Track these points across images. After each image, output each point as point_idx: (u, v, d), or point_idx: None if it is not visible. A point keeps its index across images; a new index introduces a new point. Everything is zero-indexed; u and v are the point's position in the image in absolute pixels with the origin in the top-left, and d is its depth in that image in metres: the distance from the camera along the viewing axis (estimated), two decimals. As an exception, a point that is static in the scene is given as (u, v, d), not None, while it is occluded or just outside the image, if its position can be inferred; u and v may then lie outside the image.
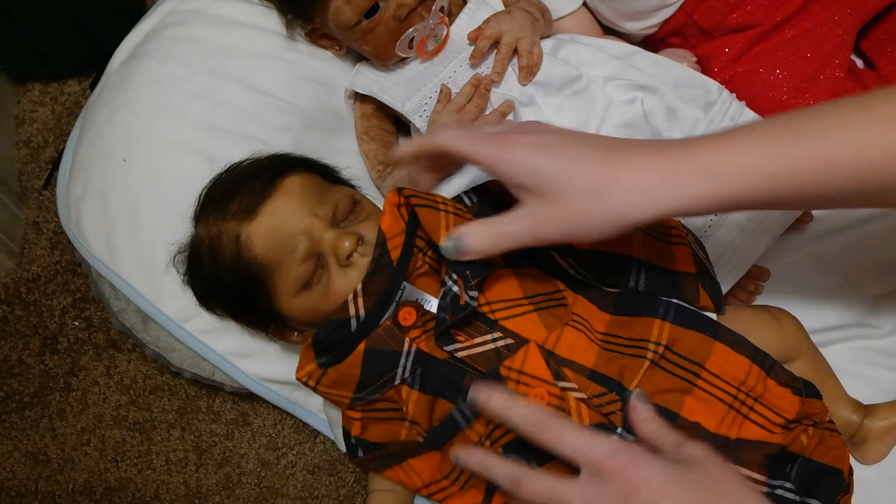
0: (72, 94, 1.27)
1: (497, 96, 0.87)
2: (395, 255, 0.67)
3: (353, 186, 0.81)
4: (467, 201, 0.75)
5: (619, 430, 0.64)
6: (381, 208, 0.71)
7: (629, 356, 0.68)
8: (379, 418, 0.72)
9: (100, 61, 0.98)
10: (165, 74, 0.88)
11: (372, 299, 0.67)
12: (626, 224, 0.56)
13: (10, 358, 1.14)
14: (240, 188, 0.73)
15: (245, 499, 1.09)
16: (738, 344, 0.69)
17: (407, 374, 0.68)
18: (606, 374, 0.67)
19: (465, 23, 0.91)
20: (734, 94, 0.90)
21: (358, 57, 0.95)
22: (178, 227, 0.80)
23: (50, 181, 1.22)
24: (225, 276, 0.73)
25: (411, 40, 0.86)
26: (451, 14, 0.91)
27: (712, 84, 0.90)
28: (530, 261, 0.72)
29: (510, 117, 0.86)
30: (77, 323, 1.15)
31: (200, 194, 0.78)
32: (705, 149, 0.55)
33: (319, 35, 0.93)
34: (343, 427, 0.74)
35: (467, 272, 0.64)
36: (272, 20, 0.93)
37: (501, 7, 0.92)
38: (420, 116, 0.89)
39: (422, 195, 0.68)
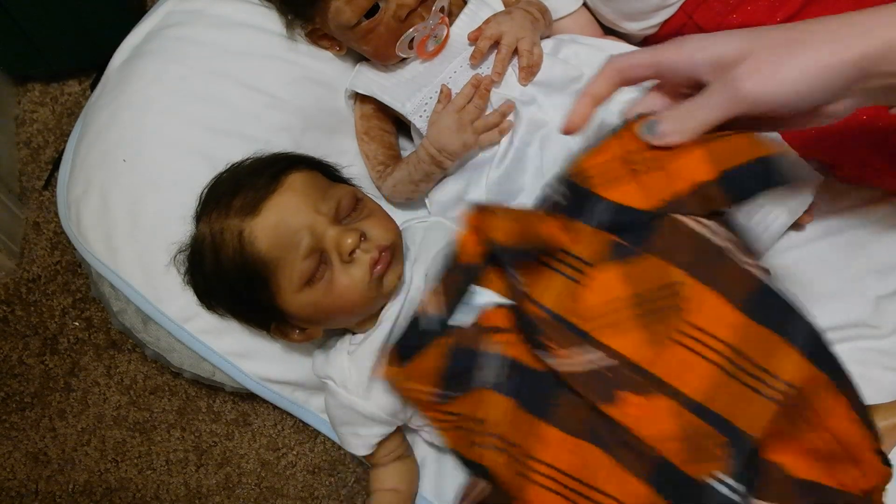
0: (72, 94, 1.27)
1: (497, 96, 0.87)
2: (465, 259, 0.66)
3: (354, 185, 0.81)
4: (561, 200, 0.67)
5: (726, 478, 0.54)
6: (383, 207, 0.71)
7: (748, 387, 0.55)
8: (463, 427, 0.67)
9: (100, 61, 0.98)
10: (166, 75, 0.88)
11: (449, 295, 0.66)
12: (821, 70, 0.54)
13: (11, 358, 1.14)
14: (242, 185, 0.73)
15: (245, 499, 1.09)
16: (859, 405, 0.60)
17: (490, 379, 0.64)
18: (715, 411, 0.55)
19: (465, 23, 0.91)
20: (734, 95, 0.90)
21: (358, 57, 0.95)
22: (178, 227, 0.80)
23: (50, 181, 1.22)
24: (228, 272, 0.73)
25: (411, 40, 0.86)
26: (451, 14, 0.91)
27: (712, 84, 0.90)
28: (653, 242, 0.60)
29: (511, 117, 0.87)
30: (77, 323, 1.16)
31: (202, 193, 0.79)
32: (887, 10, 0.54)
33: (320, 35, 0.93)
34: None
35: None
36: (272, 20, 0.93)
37: (501, 7, 0.92)
38: (420, 117, 0.89)
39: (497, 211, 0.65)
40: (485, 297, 0.66)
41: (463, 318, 0.66)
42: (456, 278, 0.66)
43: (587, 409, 0.59)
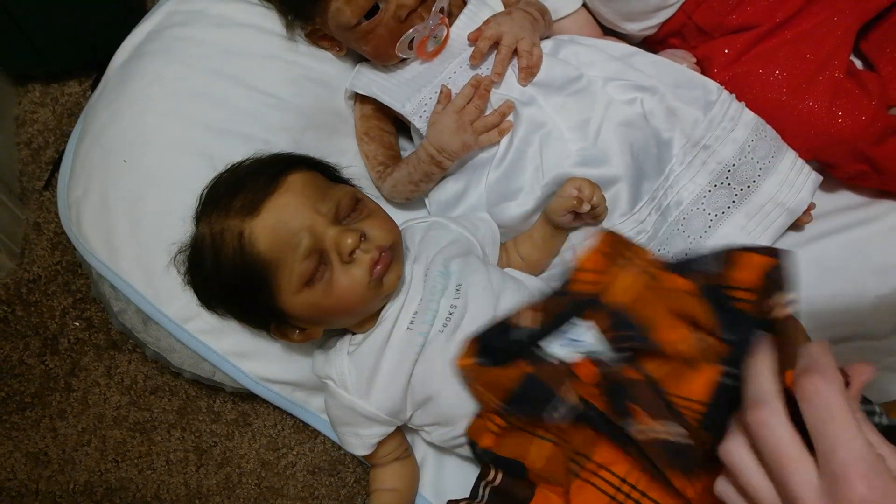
0: (72, 94, 1.27)
1: (497, 97, 0.87)
2: (578, 287, 0.67)
3: (353, 185, 0.81)
4: None
5: None
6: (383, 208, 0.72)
7: None
8: (518, 427, 0.71)
9: (100, 62, 0.98)
10: (166, 75, 0.88)
11: (547, 317, 0.67)
12: None
13: (11, 358, 1.14)
14: (242, 186, 0.73)
15: (245, 499, 1.09)
16: None
17: (557, 417, 0.65)
18: None
19: (465, 24, 0.91)
20: (734, 95, 0.91)
21: (358, 57, 0.95)
22: (178, 228, 0.80)
23: (50, 182, 1.22)
24: (227, 273, 0.73)
25: (411, 41, 0.87)
26: (451, 15, 0.91)
27: (712, 85, 0.91)
28: None
29: (510, 117, 0.87)
30: (77, 323, 1.16)
31: (202, 193, 0.79)
32: None
33: (320, 36, 0.93)
34: (468, 436, 0.74)
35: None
36: (272, 20, 0.93)
37: (501, 8, 0.92)
38: (420, 117, 0.89)
39: (630, 250, 0.67)
40: (583, 335, 0.67)
41: (555, 349, 0.67)
42: (561, 303, 0.67)
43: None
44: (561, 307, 0.67)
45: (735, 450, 0.49)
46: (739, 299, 0.60)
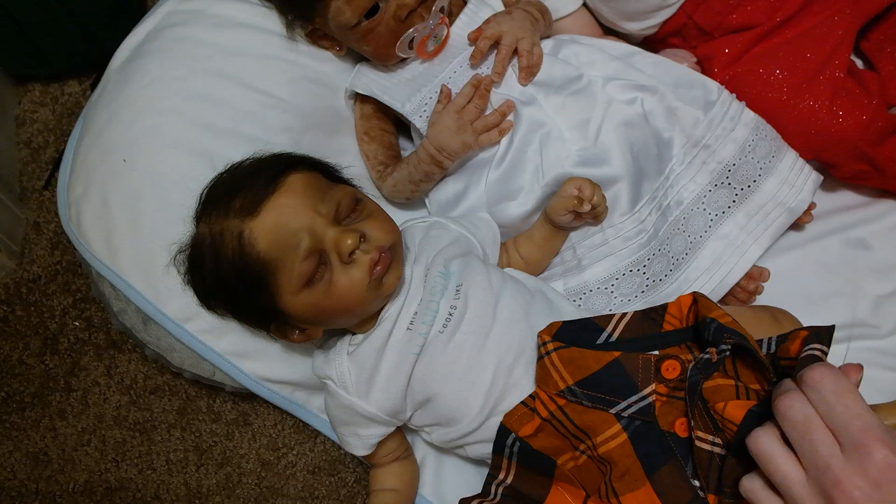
0: (72, 94, 1.28)
1: (497, 96, 0.87)
2: (670, 326, 0.71)
3: (354, 186, 0.81)
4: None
5: None
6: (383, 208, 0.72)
7: None
8: (560, 431, 0.71)
9: (100, 61, 0.98)
10: (166, 75, 0.88)
11: (629, 333, 0.70)
12: None
13: (11, 358, 1.14)
14: (242, 186, 0.73)
15: (245, 499, 1.09)
16: None
17: (626, 414, 0.68)
18: None
19: (466, 23, 0.91)
20: (734, 95, 0.91)
21: (358, 57, 0.95)
22: (178, 227, 0.80)
23: (50, 181, 1.23)
24: (227, 273, 0.73)
25: (411, 41, 0.87)
26: (452, 14, 0.91)
27: (712, 84, 0.91)
28: None
29: (511, 117, 0.87)
30: (77, 323, 1.16)
31: (202, 193, 0.78)
32: None
33: (320, 35, 0.93)
34: (503, 425, 0.73)
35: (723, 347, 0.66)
36: (272, 20, 0.93)
37: (502, 7, 0.92)
38: (420, 117, 0.89)
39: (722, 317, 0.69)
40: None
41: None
42: (650, 329, 0.70)
43: (687, 487, 0.65)
44: (643, 331, 0.71)
45: (764, 438, 0.54)
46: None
